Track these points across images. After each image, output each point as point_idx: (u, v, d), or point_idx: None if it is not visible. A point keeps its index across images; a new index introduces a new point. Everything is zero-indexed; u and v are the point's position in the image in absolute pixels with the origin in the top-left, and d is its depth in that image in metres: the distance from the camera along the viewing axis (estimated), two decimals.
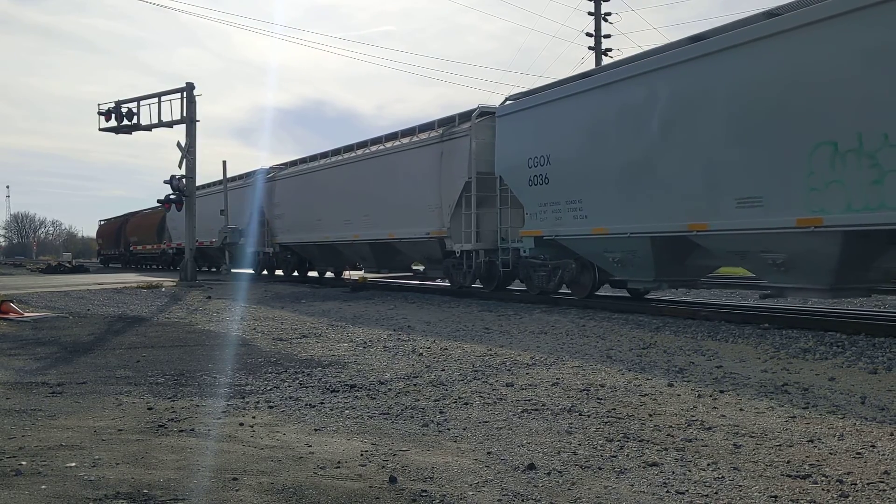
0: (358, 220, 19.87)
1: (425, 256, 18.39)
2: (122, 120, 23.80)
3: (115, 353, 8.49)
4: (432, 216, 16.52)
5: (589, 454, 4.15)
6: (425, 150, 17.09)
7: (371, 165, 19.60)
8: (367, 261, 21.02)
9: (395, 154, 18.57)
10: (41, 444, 4.33)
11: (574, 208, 12.52)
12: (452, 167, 15.83)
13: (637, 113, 11.12)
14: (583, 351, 8.17)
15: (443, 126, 16.76)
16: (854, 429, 4.63)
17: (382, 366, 7.36)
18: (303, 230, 23.29)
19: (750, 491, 3.49)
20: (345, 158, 21.22)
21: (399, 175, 18.03)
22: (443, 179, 16.17)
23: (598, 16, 32.84)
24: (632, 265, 11.81)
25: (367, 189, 19.52)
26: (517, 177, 13.91)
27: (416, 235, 17.32)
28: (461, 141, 15.65)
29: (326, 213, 21.71)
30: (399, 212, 17.88)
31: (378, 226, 18.88)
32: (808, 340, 8.21)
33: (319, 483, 3.61)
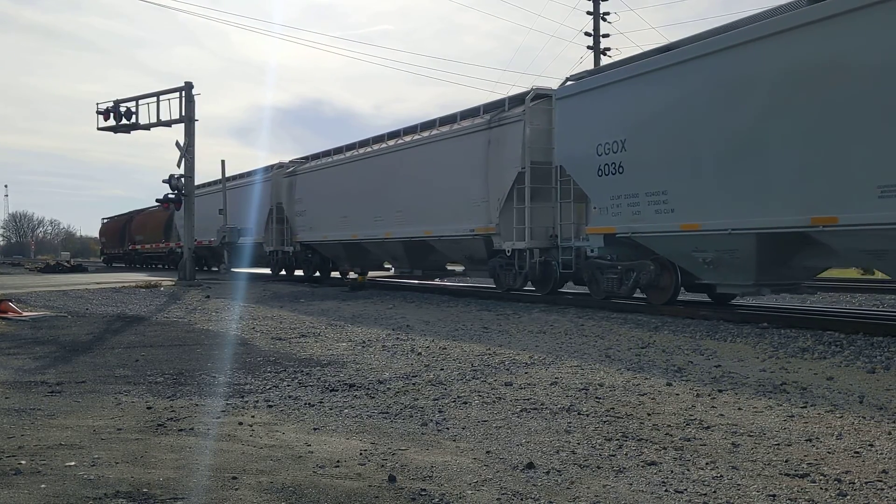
0: (390, 216, 18.42)
1: (466, 256, 16.80)
2: (121, 119, 23.79)
3: (113, 353, 8.49)
4: (478, 211, 15.11)
5: (588, 453, 4.16)
6: (470, 139, 15.59)
7: (405, 157, 18.08)
8: (399, 261, 19.65)
9: (433, 144, 17.02)
10: (40, 444, 4.33)
11: (657, 201, 10.90)
12: (502, 156, 14.40)
13: (743, 87, 9.50)
14: (581, 350, 8.18)
15: (490, 111, 15.30)
16: (852, 428, 4.64)
17: (381, 365, 7.36)
18: (327, 228, 21.86)
19: (748, 490, 3.50)
20: (375, 150, 19.73)
21: (438, 167, 16.56)
22: (491, 170, 14.74)
23: (597, 15, 32.86)
24: (727, 266, 10.22)
25: (400, 183, 18.06)
26: (583, 166, 12.35)
27: (458, 233, 15.88)
28: (513, 127, 14.19)
29: (354, 209, 20.27)
30: (438, 207, 16.46)
31: (413, 223, 17.46)
32: (806, 340, 8.22)
33: (319, 482, 3.62)
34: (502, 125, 14.57)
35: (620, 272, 12.28)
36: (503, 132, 14.50)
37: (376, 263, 22.43)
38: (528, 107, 13.85)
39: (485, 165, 14.92)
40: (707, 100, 10.04)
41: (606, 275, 12.56)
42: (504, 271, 15.02)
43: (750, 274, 10.04)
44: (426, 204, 16.95)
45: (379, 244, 19.46)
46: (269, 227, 25.56)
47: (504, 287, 15.14)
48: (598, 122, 11.98)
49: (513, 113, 14.33)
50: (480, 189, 15.04)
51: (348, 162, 21.01)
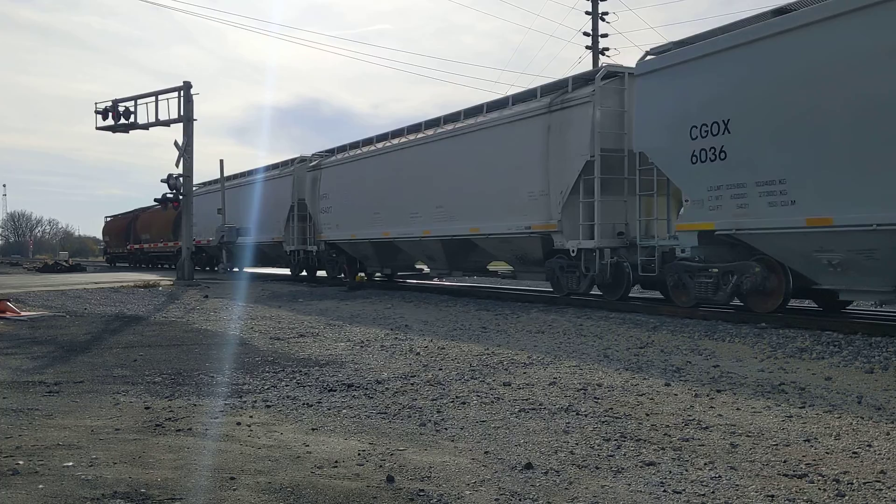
0: (428, 212, 16.81)
1: (518, 256, 15.09)
2: (119, 119, 23.82)
3: (112, 353, 8.48)
4: (535, 206, 13.50)
5: (586, 453, 4.16)
6: (525, 125, 13.93)
7: (447, 147, 16.39)
8: (436, 261, 17.89)
9: (480, 132, 15.33)
10: (38, 444, 4.32)
11: (772, 192, 9.24)
12: (566, 144, 12.79)
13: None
14: (580, 350, 8.18)
15: (549, 94, 13.70)
16: (850, 428, 4.64)
17: (380, 365, 7.36)
18: (355, 226, 20.18)
19: (746, 490, 3.50)
20: (410, 141, 18.02)
21: (487, 157, 14.95)
22: (552, 160, 13.12)
23: (596, 15, 32.85)
24: (859, 270, 8.68)
25: (441, 176, 16.48)
26: (671, 152, 10.76)
27: (510, 230, 14.23)
28: (579, 110, 12.59)
29: (386, 205, 18.64)
30: (486, 202, 14.85)
31: (455, 219, 15.87)
32: (804, 340, 8.23)
33: (317, 482, 3.62)
34: (565, 108, 12.92)
35: (716, 276, 10.54)
36: (567, 116, 12.88)
37: (408, 264, 20.79)
38: (598, 87, 12.24)
39: (544, 154, 13.31)
40: (845, 69, 8.38)
41: (698, 279, 10.82)
42: (565, 274, 13.42)
43: (890, 278, 8.47)
44: (472, 199, 15.35)
45: (415, 243, 17.88)
46: (290, 226, 24.00)
47: (564, 291, 13.62)
48: (692, 100, 10.35)
49: (579, 94, 12.69)
50: (539, 181, 13.44)
51: (380, 154, 19.31)
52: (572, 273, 13.26)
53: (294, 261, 24.39)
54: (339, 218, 21.18)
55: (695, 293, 10.92)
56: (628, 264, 12.32)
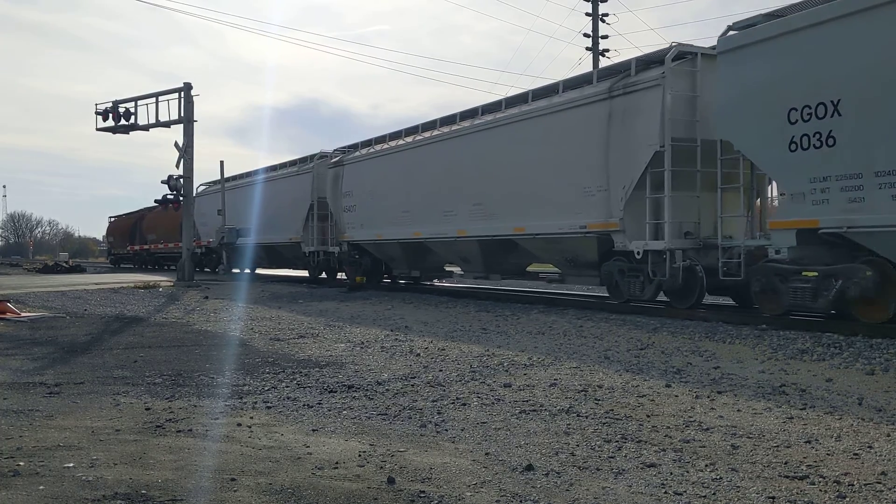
0: (464, 210, 15.53)
1: (568, 259, 13.64)
2: (120, 120, 23.81)
3: (112, 354, 8.48)
4: (592, 203, 12.23)
5: (587, 455, 4.15)
6: (580, 113, 12.64)
7: (487, 139, 15.02)
8: (471, 263, 16.52)
9: (526, 121, 13.94)
10: (38, 445, 4.32)
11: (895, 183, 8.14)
12: (631, 132, 11.54)
13: None
14: (580, 351, 8.18)
15: (608, 78, 12.51)
16: (851, 430, 4.64)
17: (380, 366, 7.36)
18: (381, 225, 18.82)
19: (747, 492, 3.50)
20: (445, 133, 16.62)
21: (533, 149, 13.62)
22: (612, 151, 11.85)
23: (596, 16, 32.87)
24: None
25: (479, 170, 15.14)
26: (763, 139, 9.57)
27: (561, 230, 12.92)
28: (646, 95, 11.33)
29: (417, 202, 17.32)
30: (532, 199, 13.58)
31: (496, 217, 14.59)
32: (805, 341, 8.22)
33: (317, 484, 3.61)
34: (629, 93, 11.67)
35: (815, 280, 9.27)
36: (632, 102, 11.62)
37: (437, 266, 19.40)
38: (668, 68, 10.98)
39: (603, 145, 12.02)
40: None
41: (791, 284, 9.54)
42: (626, 278, 12.08)
43: None
44: (515, 195, 14.04)
45: (448, 244, 16.52)
46: (308, 225, 22.69)
47: (623, 298, 12.30)
48: (791, 78, 9.16)
49: (645, 77, 11.45)
50: (596, 175, 12.16)
51: (410, 148, 17.92)
52: (635, 278, 11.91)
53: (313, 262, 23.17)
54: (364, 217, 19.83)
55: (788, 300, 9.61)
56: (701, 268, 10.98)
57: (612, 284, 12.48)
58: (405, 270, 19.82)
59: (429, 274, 19.93)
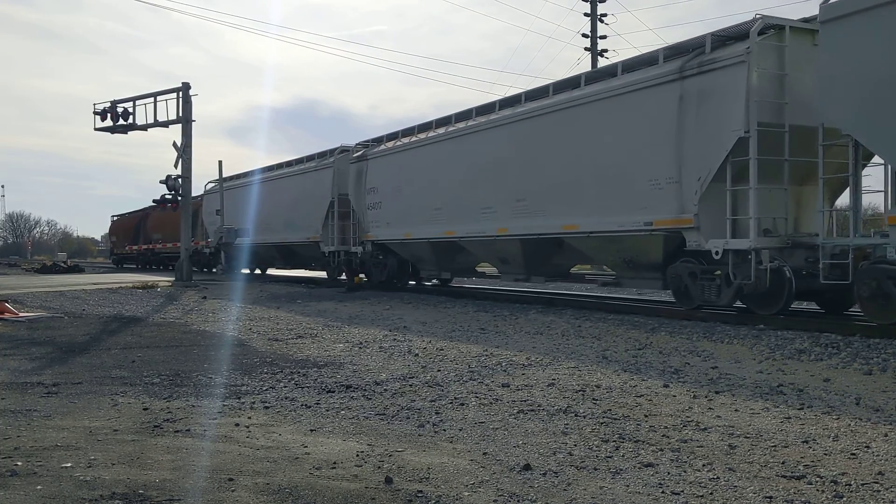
0: (505, 207, 14.29)
1: (625, 259, 12.28)
2: (118, 120, 23.81)
3: (110, 354, 8.48)
4: (660, 197, 10.97)
5: (584, 455, 4.16)
6: (645, 96, 11.35)
7: (531, 129, 13.71)
8: (511, 264, 15.15)
9: (578, 108, 12.65)
10: (36, 445, 4.32)
11: None
12: (708, 117, 10.33)
13: None
14: (579, 351, 8.18)
15: (678, 56, 11.18)
16: (849, 430, 4.65)
17: (378, 366, 7.36)
18: (410, 223, 17.60)
19: (745, 491, 3.50)
20: (483, 123, 15.23)
21: (587, 138, 12.38)
22: (686, 138, 10.60)
23: (594, 16, 32.89)
24: None
25: (523, 163, 13.86)
26: (884, 121, 8.39)
27: (622, 227, 11.60)
28: (727, 74, 10.05)
29: (450, 199, 16.05)
30: (585, 193, 12.37)
31: (542, 214, 13.34)
32: (803, 341, 8.23)
33: (315, 483, 3.62)
34: (706, 72, 10.40)
35: None
36: (708, 83, 10.37)
37: (469, 267, 18.21)
38: (754, 43, 9.71)
39: (674, 131, 10.79)
40: None
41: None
42: (699, 281, 10.74)
43: None
44: (565, 190, 12.79)
45: (485, 243, 15.27)
46: (328, 224, 21.35)
47: (694, 303, 10.93)
48: None
49: (726, 54, 10.17)
50: (665, 165, 10.92)
51: (443, 140, 16.54)
52: (709, 281, 10.61)
53: (333, 263, 21.74)
54: (391, 215, 18.55)
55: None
56: (789, 269, 9.82)
57: (681, 289, 11.13)
58: (434, 272, 18.64)
59: (459, 275, 18.80)
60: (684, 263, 11.02)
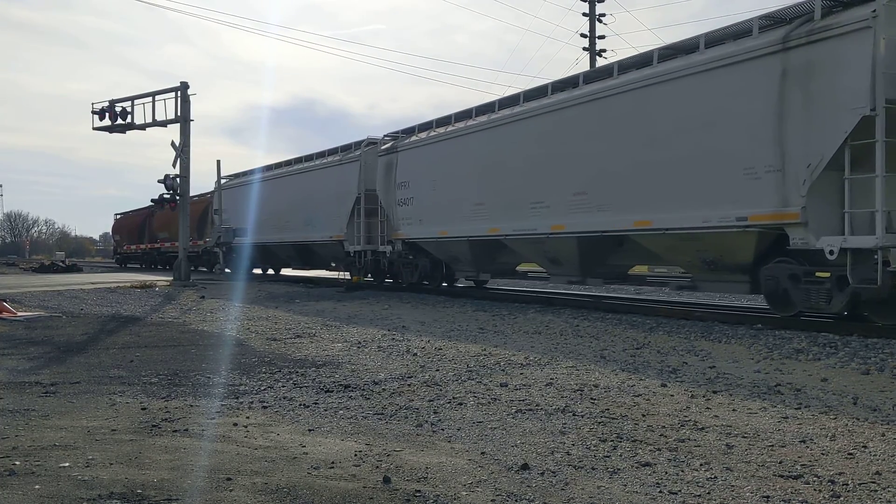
0: (561, 201, 12.93)
1: (707, 259, 10.76)
2: (117, 119, 23.77)
3: (108, 353, 8.47)
4: (757, 188, 9.55)
5: (582, 454, 4.16)
6: (738, 71, 9.84)
7: (593, 113, 12.30)
8: (563, 265, 13.67)
9: (654, 87, 11.15)
10: (34, 444, 4.32)
11: None
12: (821, 94, 8.92)
13: None
14: (577, 351, 8.19)
15: (776, 26, 9.73)
16: (846, 429, 4.65)
17: (377, 366, 7.36)
18: (447, 220, 16.14)
19: (742, 491, 3.51)
20: (534, 108, 13.71)
21: (665, 121, 10.88)
22: (790, 119, 9.19)
23: (593, 16, 32.90)
24: None
25: (583, 152, 12.41)
26: None
27: (707, 223, 10.17)
28: (846, 43, 8.70)
29: (495, 193, 14.66)
30: (662, 185, 10.92)
31: (606, 209, 11.97)
32: (801, 341, 8.24)
33: (313, 483, 3.62)
34: (817, 42, 9.01)
35: None
36: (821, 54, 8.99)
37: (511, 267, 16.86)
38: (882, 5, 8.41)
39: (775, 111, 9.43)
40: None
41: None
42: (801, 286, 9.39)
43: None
44: (637, 182, 11.38)
45: (535, 242, 13.82)
46: (353, 222, 19.98)
47: (795, 308, 9.59)
48: None
49: (844, 19, 8.76)
50: (764, 151, 9.50)
51: (486, 128, 15.10)
52: (816, 285, 9.28)
53: (359, 264, 20.26)
54: (424, 211, 17.09)
55: None
56: None
57: (778, 293, 9.71)
58: (471, 273, 17.10)
59: (498, 276, 17.33)
60: (782, 264, 9.62)
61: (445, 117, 17.00)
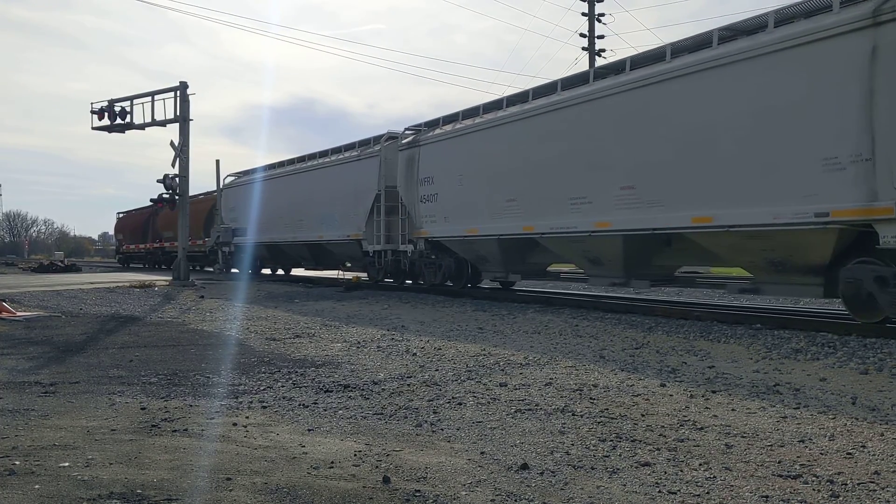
0: (607, 196, 11.83)
1: (773, 260, 9.78)
2: (116, 119, 23.72)
3: (107, 353, 8.47)
4: (841, 180, 8.58)
5: (582, 454, 4.17)
6: (817, 50, 8.86)
7: (645, 100, 11.10)
8: (605, 265, 12.57)
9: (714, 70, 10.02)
10: (34, 444, 4.32)
11: None
12: None
13: None
14: (576, 351, 8.19)
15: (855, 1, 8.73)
16: (845, 429, 4.66)
17: (376, 366, 7.37)
18: (475, 217, 15.18)
19: (741, 491, 3.52)
20: (573, 97, 12.64)
21: (729, 105, 9.81)
22: (883, 102, 8.24)
23: (592, 16, 32.90)
24: None
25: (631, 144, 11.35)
26: None
27: (779, 219, 9.16)
28: None
29: (529, 188, 13.63)
30: (725, 176, 9.85)
31: (658, 205, 10.93)
32: (799, 341, 8.25)
33: (313, 483, 3.62)
34: None
35: None
36: None
37: (542, 268, 15.86)
38: None
39: (862, 93, 8.44)
40: None
41: None
42: (888, 289, 8.47)
43: None
44: (694, 174, 10.33)
45: (574, 241, 12.76)
46: (372, 220, 19.09)
47: (880, 314, 8.68)
48: None
49: None
50: (848, 139, 8.50)
51: (519, 119, 14.04)
52: None
53: (378, 264, 19.47)
54: (449, 208, 16.12)
55: None
56: None
57: (860, 297, 8.75)
58: (500, 273, 15.94)
59: (529, 277, 16.09)
60: (866, 265, 8.70)
61: (473, 108, 16.00)
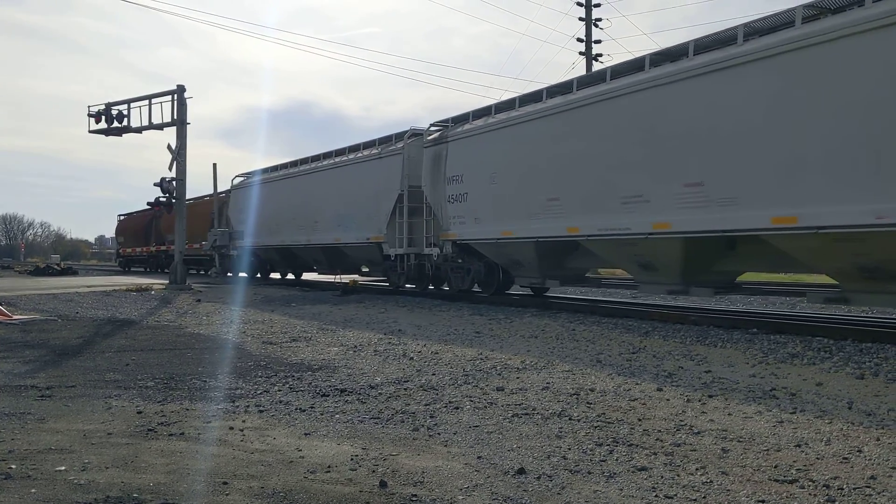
0: (667, 194, 10.54)
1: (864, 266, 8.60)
2: (113, 122, 23.69)
3: (104, 357, 8.45)
4: None
5: (578, 458, 4.17)
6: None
7: (714, 87, 9.82)
8: (660, 270, 11.27)
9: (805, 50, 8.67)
10: (31, 448, 4.31)
11: None
12: None
13: None
14: (573, 355, 8.20)
15: None
16: (841, 433, 4.67)
17: (373, 370, 7.36)
18: (510, 218, 13.90)
19: (738, 495, 3.52)
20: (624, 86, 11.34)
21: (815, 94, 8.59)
22: None
23: (589, 21, 32.99)
24: None
25: (699, 136, 10.01)
26: None
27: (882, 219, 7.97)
28: None
29: (574, 186, 12.39)
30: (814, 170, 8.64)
31: (732, 203, 9.61)
32: (796, 345, 8.27)
33: (310, 487, 3.62)
34: None
35: None
36: None
37: (581, 273, 14.73)
38: None
39: None
40: None
41: None
42: None
43: None
44: (777, 167, 9.04)
45: (625, 244, 11.54)
46: (394, 222, 17.72)
47: None
48: None
49: None
50: None
51: (565, 110, 12.68)
52: None
53: (400, 268, 18.05)
54: (480, 209, 14.87)
55: None
56: None
57: None
58: (536, 279, 14.59)
59: (567, 283, 14.79)
60: None
61: (508, 101, 14.65)
